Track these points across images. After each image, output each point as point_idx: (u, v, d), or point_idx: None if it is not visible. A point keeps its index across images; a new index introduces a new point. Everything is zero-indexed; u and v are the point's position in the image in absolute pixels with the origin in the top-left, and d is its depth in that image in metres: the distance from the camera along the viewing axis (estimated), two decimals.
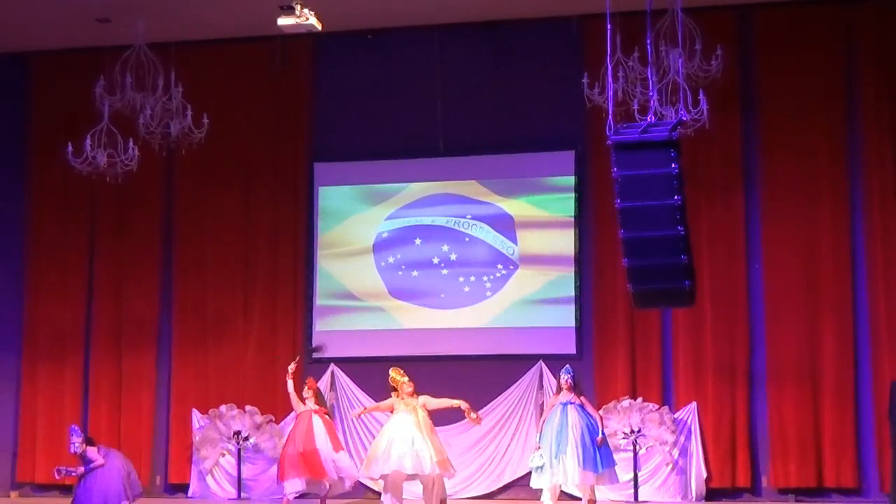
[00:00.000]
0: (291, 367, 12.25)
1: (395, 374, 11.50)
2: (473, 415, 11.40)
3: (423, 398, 11.35)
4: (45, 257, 14.41)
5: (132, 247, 14.29)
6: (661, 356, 13.20)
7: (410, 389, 11.35)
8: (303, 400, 12.23)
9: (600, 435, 11.28)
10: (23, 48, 14.39)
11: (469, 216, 13.84)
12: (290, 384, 12.24)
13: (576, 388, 11.51)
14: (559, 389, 11.59)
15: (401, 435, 11.08)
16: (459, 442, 13.17)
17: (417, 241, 13.92)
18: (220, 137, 13.20)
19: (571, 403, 11.40)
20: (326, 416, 12.29)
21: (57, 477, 11.44)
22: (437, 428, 11.54)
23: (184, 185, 14.33)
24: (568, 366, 11.72)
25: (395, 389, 11.43)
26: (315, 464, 11.91)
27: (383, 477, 11.25)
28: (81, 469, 11.14)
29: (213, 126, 12.56)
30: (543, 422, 11.52)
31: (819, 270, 12.87)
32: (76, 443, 11.14)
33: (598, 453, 11.22)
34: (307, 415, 12.14)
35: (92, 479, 11.08)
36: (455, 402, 11.33)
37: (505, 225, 13.75)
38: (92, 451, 11.14)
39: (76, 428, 11.37)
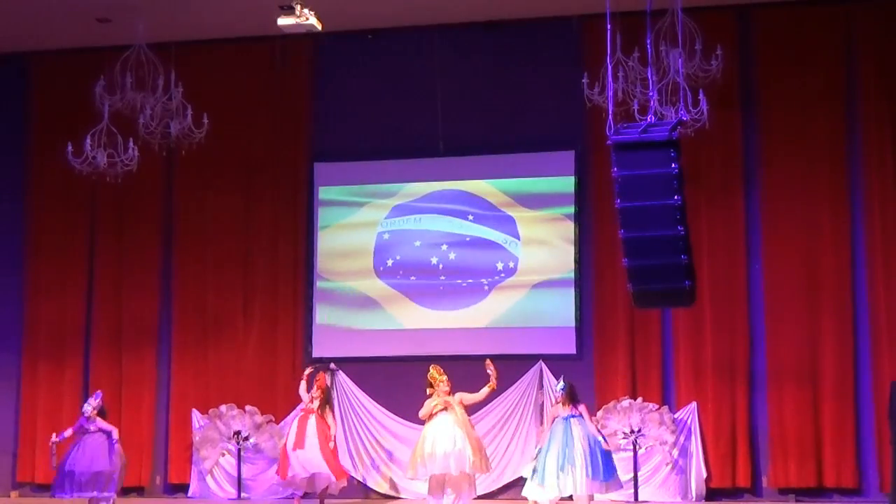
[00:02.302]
0: (308, 369, 12.54)
1: (434, 372, 11.48)
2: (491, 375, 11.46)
3: (459, 395, 11.38)
4: (45, 257, 14.41)
5: (132, 247, 14.29)
6: (661, 356, 13.20)
7: (447, 388, 11.37)
8: (311, 399, 12.31)
9: (605, 443, 11.14)
10: (23, 48, 14.39)
11: (469, 216, 13.84)
12: (303, 385, 12.38)
13: (572, 398, 11.29)
14: (557, 401, 11.47)
15: (443, 435, 11.13)
16: None
17: (417, 242, 13.93)
18: (220, 137, 13.19)
19: (573, 416, 11.19)
20: (324, 419, 12.28)
21: (54, 440, 11.91)
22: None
23: (184, 185, 14.33)
24: (562, 379, 11.56)
25: (431, 386, 11.43)
26: (283, 464, 12.16)
27: (430, 478, 11.27)
28: (69, 432, 11.73)
29: (213, 126, 12.54)
30: (546, 434, 11.32)
31: (819, 270, 12.88)
32: (92, 404, 11.82)
33: (603, 463, 11.04)
34: (307, 415, 12.19)
35: (87, 445, 11.67)
36: (487, 389, 11.40)
37: (505, 225, 13.75)
38: (101, 422, 11.75)
39: (100, 393, 12.03)
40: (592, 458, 10.96)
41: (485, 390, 11.42)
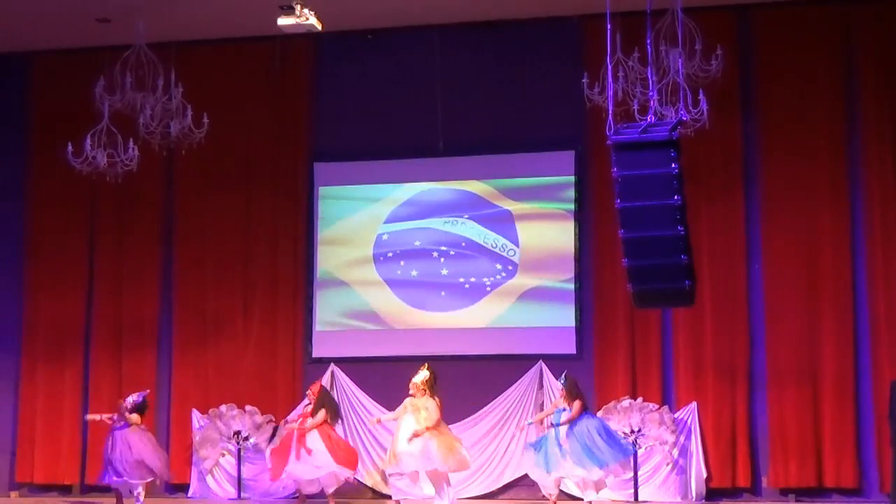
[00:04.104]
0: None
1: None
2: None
3: (430, 403, 11.58)
4: (45, 257, 14.40)
5: (132, 247, 14.29)
6: (661, 356, 13.19)
7: (413, 391, 11.64)
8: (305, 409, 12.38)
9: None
10: (23, 48, 14.39)
11: (469, 216, 13.84)
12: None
13: (569, 394, 11.66)
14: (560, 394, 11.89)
15: (400, 436, 11.56)
16: None
17: (417, 242, 13.93)
18: (220, 137, 13.17)
19: (566, 410, 11.64)
20: (303, 426, 12.27)
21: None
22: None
23: (184, 185, 14.33)
24: (565, 373, 11.87)
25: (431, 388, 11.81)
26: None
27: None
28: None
29: (213, 126, 12.53)
30: (546, 418, 11.86)
31: (819, 270, 12.88)
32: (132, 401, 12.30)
33: (591, 453, 11.40)
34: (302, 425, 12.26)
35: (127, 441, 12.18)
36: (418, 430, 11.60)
37: (505, 225, 13.75)
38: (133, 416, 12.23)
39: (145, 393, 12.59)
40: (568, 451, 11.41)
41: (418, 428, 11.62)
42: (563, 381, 11.78)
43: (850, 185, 12.95)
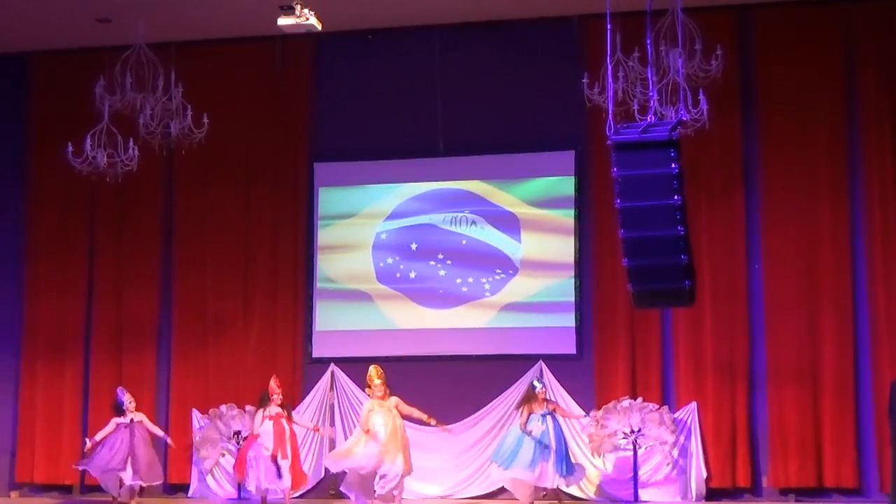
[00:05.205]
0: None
1: (372, 372, 11.92)
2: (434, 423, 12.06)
3: (396, 399, 11.75)
4: (45, 257, 14.40)
5: (132, 247, 14.30)
6: (661, 356, 13.19)
7: (381, 393, 11.78)
8: (272, 401, 12.37)
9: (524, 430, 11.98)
10: (23, 48, 14.39)
11: (468, 216, 13.84)
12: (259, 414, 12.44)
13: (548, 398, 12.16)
14: (540, 397, 12.21)
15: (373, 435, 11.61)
16: (459, 442, 13.20)
17: (416, 242, 13.92)
18: (220, 137, 13.18)
19: (549, 414, 11.94)
20: (282, 420, 12.31)
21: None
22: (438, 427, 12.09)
23: (184, 185, 14.33)
24: (535, 379, 12.40)
25: (369, 386, 11.95)
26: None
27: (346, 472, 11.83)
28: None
29: (213, 126, 12.54)
30: (524, 424, 12.06)
31: (819, 270, 12.88)
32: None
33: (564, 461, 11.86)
34: (279, 419, 12.31)
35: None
36: (424, 417, 11.92)
37: (504, 225, 13.75)
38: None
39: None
40: (557, 454, 11.82)
41: (421, 416, 11.92)
42: (542, 384, 12.15)
43: (850, 185, 12.95)
